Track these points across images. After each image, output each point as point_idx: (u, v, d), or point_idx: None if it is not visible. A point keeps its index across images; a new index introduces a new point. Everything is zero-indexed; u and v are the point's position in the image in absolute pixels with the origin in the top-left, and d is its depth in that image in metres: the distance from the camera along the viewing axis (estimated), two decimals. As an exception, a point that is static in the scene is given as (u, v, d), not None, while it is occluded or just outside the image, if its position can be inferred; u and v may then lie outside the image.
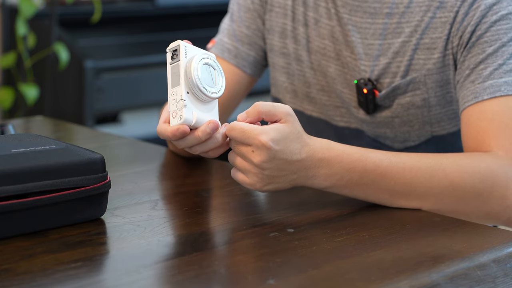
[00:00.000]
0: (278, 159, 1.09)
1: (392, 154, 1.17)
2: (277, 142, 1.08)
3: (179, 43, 1.11)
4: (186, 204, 1.19)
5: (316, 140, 1.13)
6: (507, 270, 1.01)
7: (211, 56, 1.12)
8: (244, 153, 1.10)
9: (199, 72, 1.09)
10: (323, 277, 0.93)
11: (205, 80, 1.10)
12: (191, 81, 1.09)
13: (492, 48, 1.26)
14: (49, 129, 1.73)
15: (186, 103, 1.08)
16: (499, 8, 1.27)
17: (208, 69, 1.11)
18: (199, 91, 1.09)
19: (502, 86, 1.24)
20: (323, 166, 1.12)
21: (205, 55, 1.11)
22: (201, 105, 1.10)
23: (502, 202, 1.18)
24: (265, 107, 1.10)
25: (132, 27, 3.34)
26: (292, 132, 1.10)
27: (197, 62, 1.10)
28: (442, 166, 1.17)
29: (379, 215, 1.15)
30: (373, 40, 1.36)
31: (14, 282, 0.89)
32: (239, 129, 1.08)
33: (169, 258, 0.99)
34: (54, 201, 1.03)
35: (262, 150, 1.08)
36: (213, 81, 1.11)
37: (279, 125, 1.09)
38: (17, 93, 2.93)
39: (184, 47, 1.10)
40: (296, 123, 1.11)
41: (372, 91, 1.36)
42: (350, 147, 1.15)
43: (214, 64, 1.12)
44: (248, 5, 1.47)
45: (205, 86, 1.10)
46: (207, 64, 1.11)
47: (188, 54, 1.10)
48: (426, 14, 1.32)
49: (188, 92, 1.09)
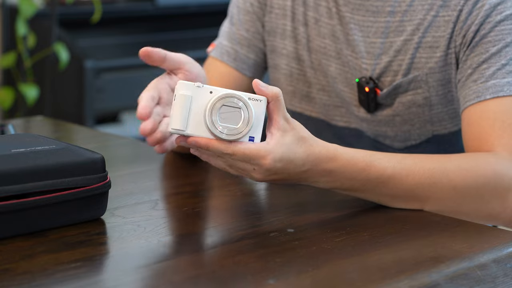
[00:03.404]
0: (280, 173, 1.07)
1: (396, 160, 1.15)
2: (280, 159, 1.05)
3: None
4: (186, 204, 1.19)
5: (322, 147, 1.10)
6: (507, 270, 1.01)
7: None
8: (244, 168, 1.07)
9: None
10: (323, 277, 0.93)
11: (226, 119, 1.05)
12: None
13: (495, 48, 1.26)
14: (49, 129, 1.73)
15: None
16: (503, 8, 1.27)
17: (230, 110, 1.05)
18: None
19: (505, 86, 1.24)
20: (326, 175, 1.11)
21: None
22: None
23: (503, 203, 1.18)
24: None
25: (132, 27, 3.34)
26: (293, 142, 1.06)
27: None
28: (446, 171, 1.16)
29: (379, 215, 1.15)
30: (375, 39, 1.36)
31: (14, 282, 0.89)
32: (241, 154, 1.04)
33: (169, 258, 0.99)
34: (54, 201, 1.03)
35: (264, 169, 1.06)
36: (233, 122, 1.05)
37: (279, 138, 1.06)
38: (17, 93, 2.93)
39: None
40: (298, 127, 1.08)
41: (373, 89, 1.36)
42: (356, 154, 1.13)
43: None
44: (247, 8, 1.47)
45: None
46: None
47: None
48: (429, 12, 1.32)
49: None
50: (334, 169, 1.11)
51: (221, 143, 1.04)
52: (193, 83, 1.05)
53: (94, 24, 2.98)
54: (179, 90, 1.05)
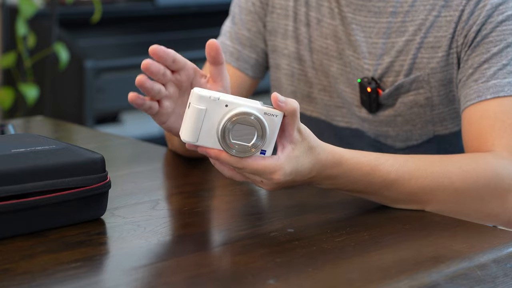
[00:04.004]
0: (287, 183, 1.07)
1: (399, 164, 1.15)
2: (290, 173, 1.05)
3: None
4: (186, 204, 1.19)
5: (329, 153, 1.09)
6: (507, 270, 1.01)
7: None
8: (253, 179, 1.07)
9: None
10: (323, 277, 0.93)
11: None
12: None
13: (497, 48, 1.26)
14: (49, 129, 1.73)
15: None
16: (505, 8, 1.27)
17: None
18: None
19: (506, 86, 1.24)
20: (330, 179, 1.11)
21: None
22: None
23: (502, 204, 1.18)
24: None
25: (132, 27, 3.34)
26: (302, 153, 1.06)
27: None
28: (448, 174, 1.16)
29: (379, 215, 1.15)
30: (377, 39, 1.36)
31: (14, 282, 0.89)
32: (250, 169, 1.04)
33: (169, 258, 0.99)
34: (54, 201, 1.03)
35: (273, 183, 1.06)
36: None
37: (290, 152, 1.05)
38: (17, 93, 2.93)
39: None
40: (309, 138, 1.06)
41: (375, 90, 1.36)
42: (361, 158, 1.12)
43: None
44: (249, 7, 1.47)
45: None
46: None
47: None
48: (430, 12, 1.32)
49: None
50: (339, 174, 1.11)
51: (231, 157, 1.03)
52: (209, 94, 1.02)
53: (94, 24, 2.98)
54: (193, 102, 1.02)
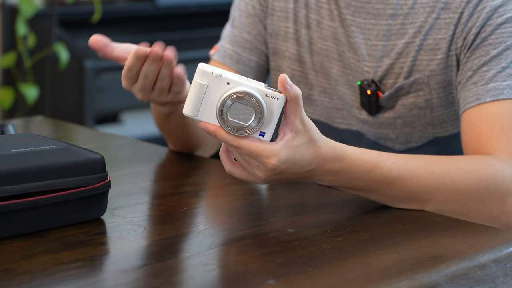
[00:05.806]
0: (284, 173, 1.07)
1: (401, 163, 1.15)
2: (285, 161, 1.05)
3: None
4: (186, 204, 1.19)
5: (330, 147, 1.09)
6: (507, 270, 1.01)
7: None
8: (249, 163, 1.07)
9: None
10: (323, 277, 0.93)
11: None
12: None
13: (496, 50, 1.26)
14: (49, 129, 1.73)
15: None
16: (504, 10, 1.27)
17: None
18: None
19: (505, 89, 1.24)
20: (331, 174, 1.11)
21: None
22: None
23: (501, 206, 1.18)
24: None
25: (132, 27, 3.34)
26: (302, 144, 1.06)
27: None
28: (449, 174, 1.16)
29: (379, 215, 1.15)
30: (377, 41, 1.36)
31: (14, 282, 0.89)
32: (247, 149, 1.04)
33: (169, 258, 0.99)
34: (54, 201, 1.03)
35: (268, 169, 1.06)
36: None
37: (289, 140, 1.05)
38: (17, 93, 2.93)
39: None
40: (311, 130, 1.07)
41: (375, 92, 1.36)
42: (363, 155, 1.12)
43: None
44: (249, 10, 1.47)
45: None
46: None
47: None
48: (430, 15, 1.32)
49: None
50: (340, 169, 1.11)
51: (229, 134, 1.04)
52: (212, 70, 1.04)
53: (94, 24, 2.98)
54: (196, 76, 1.05)
